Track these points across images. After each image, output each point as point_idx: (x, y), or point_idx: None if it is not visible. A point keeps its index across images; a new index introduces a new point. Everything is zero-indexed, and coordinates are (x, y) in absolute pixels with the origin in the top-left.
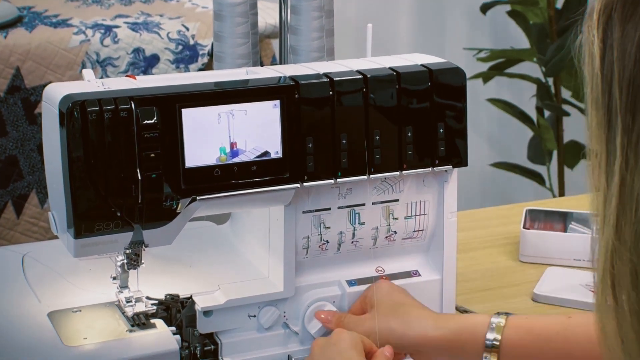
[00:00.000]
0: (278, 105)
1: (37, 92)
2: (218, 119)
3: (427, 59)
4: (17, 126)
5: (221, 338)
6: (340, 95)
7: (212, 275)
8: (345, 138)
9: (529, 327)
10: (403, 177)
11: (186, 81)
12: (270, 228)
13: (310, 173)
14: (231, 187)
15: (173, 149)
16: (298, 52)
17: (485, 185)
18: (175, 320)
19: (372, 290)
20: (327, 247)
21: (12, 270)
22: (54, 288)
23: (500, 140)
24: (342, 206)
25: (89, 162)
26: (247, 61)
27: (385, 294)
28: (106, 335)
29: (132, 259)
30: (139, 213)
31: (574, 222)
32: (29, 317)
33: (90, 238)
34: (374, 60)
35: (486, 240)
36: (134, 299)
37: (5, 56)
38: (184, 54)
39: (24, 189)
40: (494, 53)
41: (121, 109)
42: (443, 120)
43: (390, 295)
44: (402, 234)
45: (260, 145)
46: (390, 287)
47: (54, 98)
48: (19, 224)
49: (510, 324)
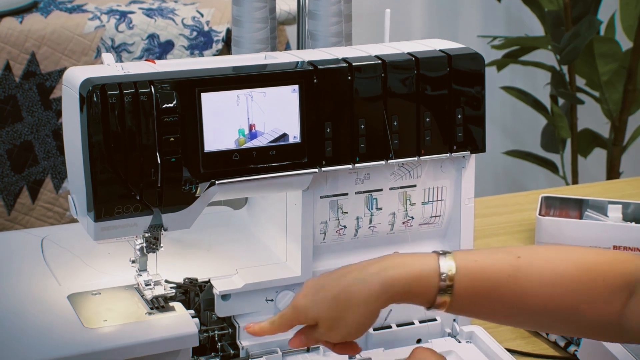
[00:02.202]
0: (297, 90)
1: (52, 78)
2: (237, 100)
3: (445, 45)
4: (33, 112)
5: (239, 322)
6: (358, 81)
7: (230, 259)
8: (363, 123)
9: (479, 272)
10: (421, 162)
11: (206, 65)
12: (288, 213)
13: (328, 158)
14: (250, 172)
15: (192, 133)
16: (316, 37)
17: (499, 174)
18: (193, 304)
19: None
20: (344, 232)
21: (32, 254)
22: (74, 271)
23: (514, 128)
24: (360, 191)
25: (108, 146)
26: (266, 46)
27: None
28: (126, 317)
29: (151, 243)
30: (158, 197)
31: (590, 209)
32: (49, 299)
33: (110, 221)
34: (392, 46)
35: (501, 227)
36: (153, 282)
37: (20, 41)
38: (198, 40)
39: (39, 174)
40: (509, 41)
41: (141, 92)
42: (461, 106)
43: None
44: (419, 220)
45: (279, 127)
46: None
47: (74, 82)
48: (34, 209)
49: (461, 271)
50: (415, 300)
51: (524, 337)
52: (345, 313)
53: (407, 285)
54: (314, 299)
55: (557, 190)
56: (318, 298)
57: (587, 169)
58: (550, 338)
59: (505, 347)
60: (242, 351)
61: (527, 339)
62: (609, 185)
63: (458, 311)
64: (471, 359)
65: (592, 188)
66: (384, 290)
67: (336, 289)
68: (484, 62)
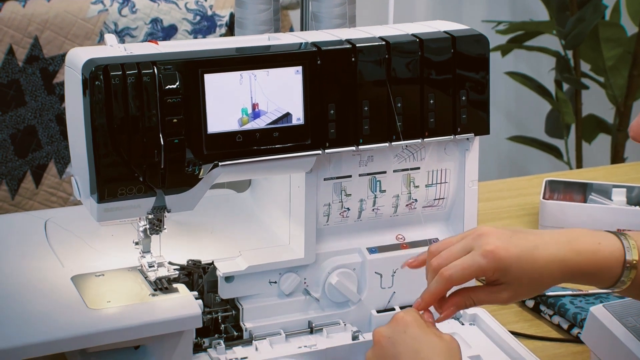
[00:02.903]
0: (300, 71)
1: (55, 62)
2: (240, 80)
3: (449, 26)
4: (36, 96)
5: (242, 303)
6: (362, 62)
7: (234, 241)
8: (367, 105)
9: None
10: (425, 144)
11: (209, 46)
12: (292, 195)
13: (331, 140)
14: (253, 153)
15: (195, 114)
16: (320, 18)
17: (502, 159)
18: (196, 286)
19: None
20: (347, 215)
21: (36, 235)
22: (77, 253)
23: (518, 114)
24: (363, 174)
25: (111, 127)
26: (269, 27)
27: None
28: (129, 298)
29: (154, 224)
30: (162, 178)
31: (594, 193)
32: (53, 280)
33: (113, 203)
34: (396, 27)
35: (505, 211)
36: (157, 264)
37: (23, 25)
38: (201, 24)
39: (42, 159)
40: (513, 25)
41: (144, 73)
42: (465, 88)
43: (518, 268)
44: (423, 202)
45: (282, 106)
46: (506, 259)
47: (77, 62)
48: (37, 194)
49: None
50: (599, 275)
51: (527, 319)
52: (532, 273)
53: (593, 255)
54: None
55: (561, 174)
56: (512, 249)
57: (591, 154)
58: (554, 321)
59: (508, 329)
60: (246, 333)
61: (530, 322)
62: (613, 170)
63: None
64: (474, 342)
65: (596, 172)
66: (574, 255)
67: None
68: (489, 43)
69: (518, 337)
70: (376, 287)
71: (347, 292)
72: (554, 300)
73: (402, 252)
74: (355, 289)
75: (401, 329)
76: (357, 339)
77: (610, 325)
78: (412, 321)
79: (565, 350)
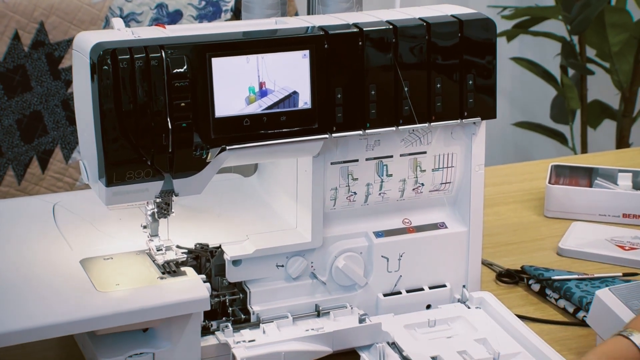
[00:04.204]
0: (307, 55)
1: (61, 47)
2: (247, 59)
3: (456, 10)
4: (42, 81)
5: (249, 287)
6: (369, 46)
7: (241, 225)
8: (374, 89)
9: None
10: (431, 129)
11: (216, 30)
12: (299, 179)
13: (338, 124)
14: (260, 137)
15: (203, 98)
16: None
17: (508, 145)
18: (204, 269)
19: None
20: (354, 199)
21: (44, 219)
22: (86, 236)
23: (523, 99)
24: (370, 158)
25: (119, 111)
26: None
27: None
28: (138, 281)
29: (162, 208)
30: (169, 162)
31: (600, 177)
32: (62, 263)
33: (121, 186)
34: (403, 11)
35: (511, 195)
36: (164, 248)
37: (29, 11)
38: (207, 9)
39: (48, 144)
40: (519, 11)
41: (152, 57)
42: (472, 72)
43: None
44: (430, 186)
45: (289, 85)
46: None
47: (85, 46)
48: (44, 179)
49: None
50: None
51: (533, 303)
52: None
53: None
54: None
55: (567, 159)
56: None
57: (596, 140)
58: (559, 304)
59: (514, 312)
60: (253, 316)
61: (536, 305)
62: (618, 155)
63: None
64: (481, 325)
65: (602, 157)
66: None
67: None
68: (496, 27)
69: (524, 321)
70: (383, 271)
71: (354, 275)
72: (560, 284)
73: (408, 236)
74: (361, 273)
75: None
76: (363, 322)
77: (616, 309)
78: None
79: (571, 333)
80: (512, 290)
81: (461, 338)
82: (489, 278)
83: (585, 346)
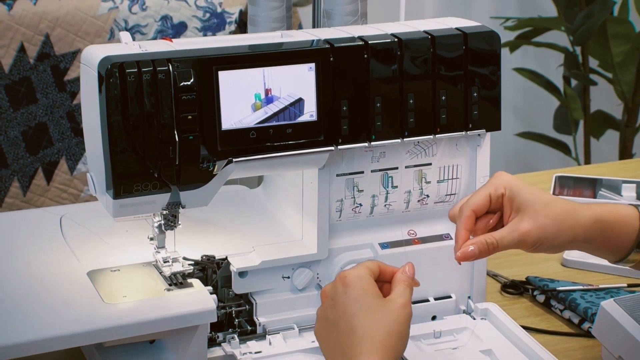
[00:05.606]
0: (313, 68)
1: (66, 59)
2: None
3: (461, 23)
4: (47, 93)
5: (256, 298)
6: (374, 59)
7: (247, 237)
8: (379, 101)
9: None
10: (436, 140)
11: (223, 44)
12: (304, 191)
13: (344, 136)
14: (266, 150)
15: (210, 111)
16: (332, 15)
17: (511, 156)
18: (211, 281)
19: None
20: (360, 210)
21: (51, 231)
22: (93, 248)
23: (526, 110)
24: (376, 169)
25: (127, 124)
26: (282, 25)
27: (523, 191)
28: (145, 293)
29: (169, 220)
30: (176, 174)
31: (604, 188)
32: (69, 275)
33: (128, 198)
34: (408, 24)
35: None
36: (171, 259)
37: (34, 23)
38: (211, 21)
39: (53, 156)
40: (521, 22)
41: (159, 71)
42: (477, 84)
43: (531, 195)
44: (435, 198)
45: (295, 92)
46: (516, 183)
47: (93, 60)
48: (49, 190)
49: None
50: (616, 238)
51: (538, 314)
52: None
53: (612, 219)
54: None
55: (571, 170)
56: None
57: (599, 150)
58: (565, 315)
59: (519, 323)
60: (259, 327)
61: (541, 316)
62: (622, 165)
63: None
64: (486, 336)
65: (606, 168)
66: (594, 218)
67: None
68: (500, 39)
69: (529, 332)
70: None
71: None
72: (565, 295)
73: (413, 248)
74: None
75: (341, 289)
76: None
77: (621, 320)
78: (356, 280)
79: (577, 344)
80: (517, 301)
81: (467, 349)
82: (494, 289)
83: (591, 357)
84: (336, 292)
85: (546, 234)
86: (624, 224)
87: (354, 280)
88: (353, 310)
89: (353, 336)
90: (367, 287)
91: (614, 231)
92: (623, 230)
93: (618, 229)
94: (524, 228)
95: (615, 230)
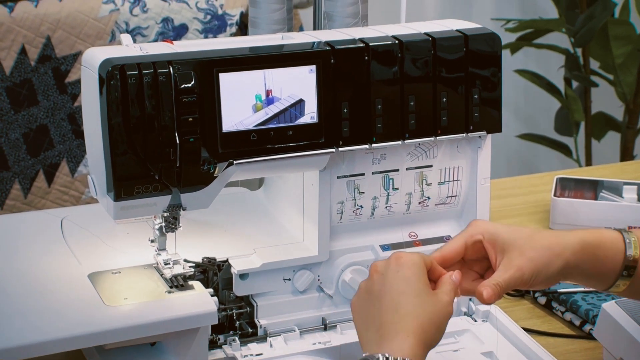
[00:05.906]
0: (314, 70)
1: (67, 62)
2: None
3: (462, 25)
4: (48, 95)
5: (257, 300)
6: (375, 61)
7: (248, 239)
8: (380, 103)
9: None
10: (437, 142)
11: (223, 46)
12: (305, 193)
13: (345, 138)
14: (267, 152)
15: (210, 113)
16: (332, 17)
17: (512, 157)
18: (212, 283)
19: (498, 235)
20: (361, 212)
21: (52, 233)
22: (93, 250)
23: (527, 111)
24: (376, 171)
25: (128, 126)
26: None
27: (507, 235)
28: (146, 295)
29: (170, 222)
30: (177, 177)
31: (605, 190)
32: (70, 278)
33: (129, 201)
34: (409, 26)
35: (517, 208)
36: (172, 262)
37: (36, 25)
38: (212, 23)
39: (54, 158)
40: (522, 23)
41: (160, 73)
42: (478, 86)
43: (512, 233)
44: (436, 200)
45: (295, 93)
46: (494, 226)
47: (94, 62)
48: (50, 193)
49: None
50: (603, 261)
51: (540, 316)
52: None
53: (597, 241)
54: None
55: (572, 171)
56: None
57: (600, 152)
58: (566, 317)
59: (520, 325)
60: (260, 329)
61: (542, 318)
62: (623, 167)
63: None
64: (487, 338)
65: (607, 170)
66: (581, 241)
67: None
68: (501, 41)
69: (530, 334)
70: None
71: None
72: (566, 297)
73: (414, 250)
74: None
75: (394, 267)
76: None
77: (622, 322)
78: (410, 263)
79: (578, 346)
80: (519, 303)
81: (468, 351)
82: None
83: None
84: (388, 269)
85: (538, 265)
86: (609, 246)
87: (408, 262)
88: (401, 289)
89: (395, 313)
90: (419, 273)
91: (600, 253)
92: (609, 252)
93: (603, 251)
94: (516, 265)
95: (601, 252)
